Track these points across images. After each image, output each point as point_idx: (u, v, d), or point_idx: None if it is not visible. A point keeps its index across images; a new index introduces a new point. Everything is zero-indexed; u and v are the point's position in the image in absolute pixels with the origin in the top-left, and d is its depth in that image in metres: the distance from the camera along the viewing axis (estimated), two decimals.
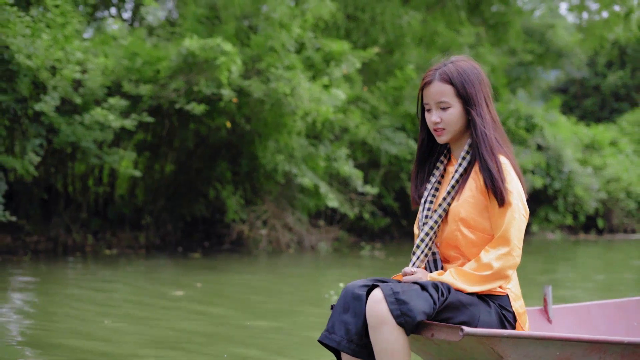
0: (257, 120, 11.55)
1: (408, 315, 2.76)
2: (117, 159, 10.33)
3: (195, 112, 10.33)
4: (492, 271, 2.94)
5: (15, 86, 9.60)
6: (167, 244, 12.63)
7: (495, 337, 2.75)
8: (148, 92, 10.44)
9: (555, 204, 18.95)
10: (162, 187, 12.57)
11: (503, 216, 2.97)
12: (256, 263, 11.05)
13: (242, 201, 12.23)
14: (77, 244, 11.74)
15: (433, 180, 3.19)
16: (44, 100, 9.45)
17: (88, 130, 10.09)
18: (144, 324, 5.73)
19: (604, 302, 3.94)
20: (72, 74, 9.73)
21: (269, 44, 11.06)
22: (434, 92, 3.07)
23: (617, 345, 2.93)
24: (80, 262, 10.49)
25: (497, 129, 3.09)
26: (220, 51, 10.10)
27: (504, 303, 3.01)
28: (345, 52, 11.87)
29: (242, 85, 10.68)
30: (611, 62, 32.77)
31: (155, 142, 12.03)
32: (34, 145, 9.85)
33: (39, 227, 11.72)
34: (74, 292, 7.64)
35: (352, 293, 2.91)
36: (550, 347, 2.84)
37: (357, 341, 2.85)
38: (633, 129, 25.43)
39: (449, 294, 2.90)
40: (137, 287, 8.11)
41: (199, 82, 10.37)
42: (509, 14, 18.48)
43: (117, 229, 12.60)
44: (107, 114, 9.80)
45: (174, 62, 10.42)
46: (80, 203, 11.91)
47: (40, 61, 9.40)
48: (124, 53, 10.73)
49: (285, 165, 11.98)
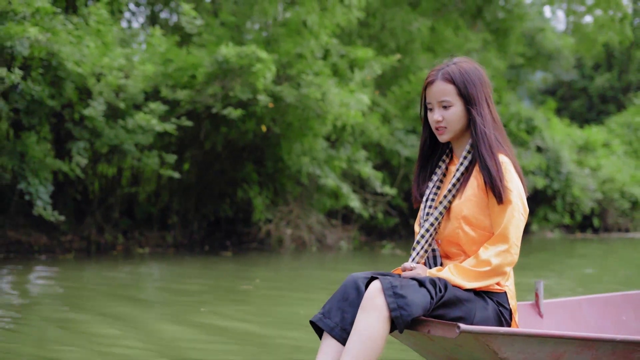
0: (284, 124, 12.01)
1: (405, 309, 2.80)
2: (157, 161, 10.74)
3: (232, 117, 10.77)
4: (491, 267, 2.99)
5: (63, 92, 10.01)
6: (192, 243, 13.06)
7: (491, 334, 2.77)
8: (185, 97, 10.87)
9: (553, 203, 19.61)
10: (189, 187, 13.00)
11: (503, 214, 3.03)
12: (293, 259, 11.52)
13: (267, 201, 12.69)
14: (108, 243, 12.15)
15: (435, 179, 3.25)
16: (92, 106, 9.87)
17: (129, 134, 10.52)
18: (268, 309, 6.26)
19: (593, 296, 4.02)
20: (116, 80, 10.15)
21: (298, 51, 11.52)
22: (436, 91, 3.14)
23: (609, 343, 2.97)
24: (125, 260, 10.88)
25: (498, 128, 3.15)
26: (255, 58, 10.55)
27: (502, 300, 3.08)
28: (369, 58, 12.38)
29: (274, 90, 11.14)
30: (598, 65, 33.53)
31: (184, 144, 12.44)
32: (79, 147, 10.25)
33: (72, 227, 12.10)
34: (175, 287, 8.04)
35: (353, 284, 2.96)
36: (545, 344, 2.87)
37: (349, 330, 2.89)
38: (622, 130, 26.16)
39: (446, 291, 2.94)
40: (208, 283, 8.50)
41: (235, 88, 10.82)
42: (510, 19, 19.06)
43: (144, 229, 13.02)
44: (150, 119, 10.23)
45: (209, 69, 10.85)
46: (111, 203, 12.31)
47: (89, 68, 9.81)
48: (160, 59, 11.15)
49: (309, 167, 12.47)
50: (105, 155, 11.73)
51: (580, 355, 2.95)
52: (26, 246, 11.44)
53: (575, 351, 2.93)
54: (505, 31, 19.09)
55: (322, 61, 11.78)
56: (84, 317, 5.86)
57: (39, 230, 11.86)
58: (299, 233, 12.87)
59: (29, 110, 10.06)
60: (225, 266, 10.39)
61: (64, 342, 4.88)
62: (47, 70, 9.87)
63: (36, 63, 9.78)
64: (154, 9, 14.28)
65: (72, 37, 9.94)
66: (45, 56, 9.65)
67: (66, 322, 5.60)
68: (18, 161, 9.94)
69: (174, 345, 4.84)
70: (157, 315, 6.14)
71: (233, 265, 10.45)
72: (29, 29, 8.85)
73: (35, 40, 9.13)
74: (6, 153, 10.01)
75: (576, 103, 33.80)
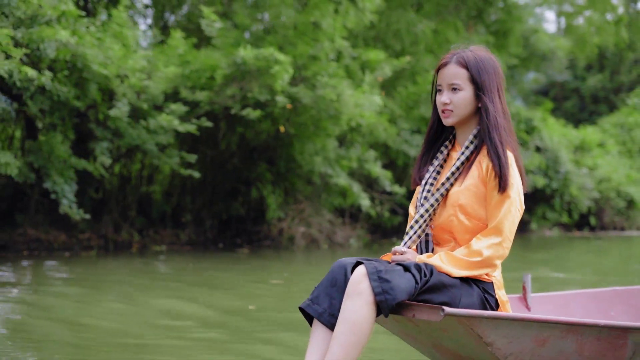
0: (298, 124, 12.28)
1: (389, 293, 2.78)
2: (177, 161, 11.00)
3: (250, 117, 11.04)
4: (482, 258, 2.98)
5: (88, 93, 10.25)
6: (206, 241, 13.32)
7: (475, 317, 2.78)
8: (205, 98, 11.13)
9: (552, 202, 19.98)
10: (202, 186, 13.25)
11: (500, 207, 3.02)
12: (309, 256, 11.81)
13: (280, 200, 12.97)
14: (124, 241, 12.39)
15: (436, 164, 3.24)
16: (117, 107, 10.12)
17: (150, 134, 10.77)
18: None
19: (581, 291, 4.05)
20: (139, 82, 10.40)
21: (313, 53, 11.81)
22: (448, 74, 3.13)
23: (593, 328, 2.97)
24: (149, 256, 11.14)
25: (507, 121, 3.14)
26: (274, 60, 10.82)
27: (489, 288, 3.07)
28: (380, 60, 12.68)
29: (291, 92, 11.42)
30: (590, 66, 33.98)
31: (198, 143, 12.68)
32: (102, 148, 10.49)
33: (90, 225, 12.33)
34: (212, 282, 8.33)
35: (340, 269, 2.96)
36: (529, 328, 2.87)
37: (337, 315, 2.89)
38: (615, 130, 26.59)
39: (431, 276, 2.93)
40: (237, 277, 8.79)
41: (253, 89, 11.09)
42: (510, 21, 19.42)
43: (158, 227, 13.27)
44: (172, 119, 10.48)
45: (228, 70, 11.11)
46: (129, 202, 12.55)
47: (114, 69, 10.06)
48: (178, 61, 11.40)
49: (321, 167, 12.76)
50: (123, 155, 11.97)
51: (565, 340, 2.94)
52: (46, 244, 11.66)
53: (560, 336, 2.91)
54: (504, 33, 19.44)
55: (335, 63, 12.07)
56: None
57: (56, 228, 12.08)
58: (311, 231, 13.15)
59: (54, 110, 10.31)
60: (246, 261, 10.66)
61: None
62: (72, 72, 10.11)
63: (61, 65, 10.02)
64: (162, 11, 14.52)
65: (95, 39, 10.19)
66: (70, 58, 9.89)
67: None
68: (43, 161, 10.18)
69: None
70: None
71: (258, 262, 10.75)
72: (61, 32, 9.08)
73: (64, 43, 9.37)
74: (32, 153, 10.25)
75: (568, 103, 34.23)
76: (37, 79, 9.05)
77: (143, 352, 4.53)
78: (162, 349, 4.59)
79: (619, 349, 3.04)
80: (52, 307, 6.18)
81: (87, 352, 4.49)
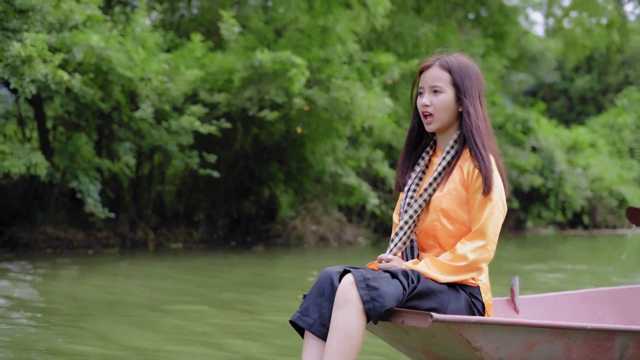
0: (310, 125, 12.64)
1: (377, 300, 2.79)
2: (197, 161, 11.32)
3: (268, 119, 11.39)
4: (467, 262, 2.98)
5: (112, 95, 10.55)
6: (217, 239, 13.65)
7: (463, 323, 2.77)
8: (223, 100, 11.46)
9: (547, 202, 20.46)
10: (215, 186, 13.58)
11: (482, 210, 3.02)
12: (323, 253, 12.16)
13: (292, 199, 13.32)
14: (140, 240, 12.69)
15: (418, 170, 3.23)
16: (142, 109, 10.43)
17: (171, 135, 11.09)
18: None
19: (570, 292, 4.03)
20: (162, 84, 10.72)
21: (326, 56, 12.17)
22: (430, 76, 3.12)
23: (580, 331, 2.97)
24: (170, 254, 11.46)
25: (487, 126, 3.14)
26: (290, 63, 11.16)
27: (475, 292, 3.07)
28: (390, 63, 13.07)
29: (306, 94, 11.77)
30: (578, 67, 34.53)
31: (213, 144, 13.00)
32: (125, 148, 10.81)
33: (107, 223, 12.62)
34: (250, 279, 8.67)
35: (327, 279, 2.95)
36: (517, 333, 2.87)
37: (329, 326, 2.88)
38: (605, 131, 27.13)
39: (418, 282, 2.93)
40: (274, 275, 9.14)
41: (270, 91, 11.43)
42: (506, 24, 19.85)
43: (171, 225, 13.58)
44: (193, 121, 10.81)
45: (245, 73, 11.44)
46: (145, 201, 12.85)
47: (139, 72, 10.37)
48: (196, 64, 11.72)
49: (332, 167, 13.13)
50: (139, 155, 12.28)
51: (553, 344, 2.94)
52: (65, 242, 11.94)
53: (548, 340, 2.92)
54: (501, 35, 19.87)
55: (347, 66, 12.43)
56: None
57: (74, 226, 12.37)
58: (321, 229, 13.51)
59: (79, 112, 10.60)
60: (267, 259, 11.01)
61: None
62: (97, 75, 10.41)
63: (87, 68, 10.32)
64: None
65: (117, 43, 10.49)
66: (95, 61, 10.19)
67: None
68: (69, 161, 10.48)
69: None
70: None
71: (280, 259, 11.10)
72: (92, 37, 9.38)
73: (92, 46, 9.67)
74: (57, 153, 10.54)
75: (557, 104, 34.76)
76: (68, 82, 9.35)
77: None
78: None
79: (606, 352, 3.05)
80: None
81: None
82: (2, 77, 8.61)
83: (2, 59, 8.72)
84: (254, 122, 12.40)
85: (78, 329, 5.16)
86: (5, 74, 8.58)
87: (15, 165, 9.35)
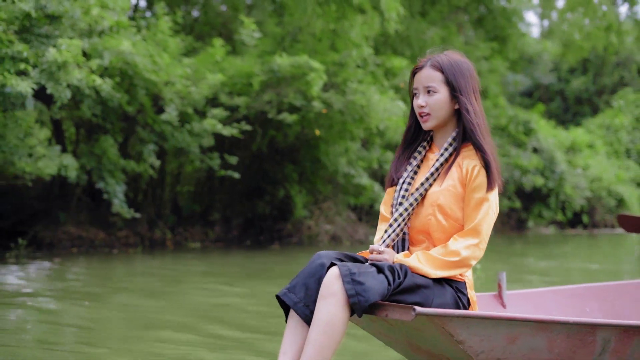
0: (325, 127, 12.98)
1: (362, 295, 2.81)
2: (218, 162, 11.65)
3: (287, 122, 11.73)
4: (460, 258, 3.01)
5: (137, 98, 10.87)
6: (232, 239, 13.98)
7: (446, 316, 2.81)
8: (243, 103, 11.80)
9: (548, 201, 20.90)
10: (230, 186, 13.91)
11: (478, 209, 3.06)
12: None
13: (306, 199, 13.66)
14: (158, 239, 13.00)
15: (414, 163, 3.25)
16: (167, 112, 10.76)
17: (193, 137, 11.41)
18: None
19: (557, 288, 4.07)
20: (185, 88, 11.05)
21: (340, 60, 12.52)
22: (423, 77, 3.16)
23: (562, 325, 3.00)
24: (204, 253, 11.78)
25: (484, 122, 3.17)
26: (309, 67, 11.51)
27: (461, 288, 3.11)
28: (403, 67, 13.43)
29: (323, 97, 12.12)
30: (574, 69, 34.97)
31: (231, 146, 13.33)
32: (149, 150, 11.12)
33: (126, 223, 12.92)
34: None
35: (319, 261, 2.98)
36: (499, 326, 2.89)
37: (312, 308, 2.91)
38: (601, 132, 27.59)
39: (405, 278, 2.96)
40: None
41: (289, 95, 11.77)
42: (508, 27, 20.27)
43: (187, 225, 13.89)
44: (215, 123, 11.14)
45: (264, 77, 11.78)
46: (163, 201, 13.17)
47: (165, 76, 10.70)
48: (215, 68, 12.05)
49: (345, 168, 13.49)
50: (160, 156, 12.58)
51: (535, 338, 2.97)
52: (87, 241, 12.24)
53: (530, 333, 2.95)
54: (503, 38, 20.29)
55: (361, 70, 12.79)
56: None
57: (94, 226, 12.66)
58: (335, 228, 13.87)
59: (105, 115, 10.91)
60: (289, 257, 11.35)
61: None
62: (123, 79, 10.72)
63: (113, 72, 10.62)
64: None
65: (144, 48, 10.82)
66: (121, 66, 10.50)
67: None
68: (96, 162, 10.79)
69: None
70: None
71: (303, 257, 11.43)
72: (123, 42, 9.70)
73: (121, 51, 9.99)
74: (84, 155, 10.85)
75: (553, 105, 35.19)
76: (99, 87, 9.66)
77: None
78: None
79: (588, 346, 3.09)
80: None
81: None
82: (39, 82, 8.89)
83: (38, 64, 9.03)
84: (271, 124, 12.74)
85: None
86: (42, 79, 8.88)
87: (49, 167, 9.65)
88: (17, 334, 4.92)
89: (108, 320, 5.66)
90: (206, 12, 14.90)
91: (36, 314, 5.78)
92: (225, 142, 13.41)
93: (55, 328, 5.21)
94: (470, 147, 3.14)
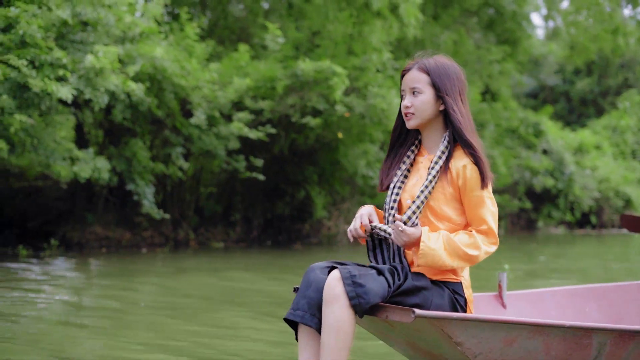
0: (345, 130, 13.28)
1: (363, 297, 2.87)
2: (244, 165, 11.95)
3: (311, 125, 12.03)
4: (478, 254, 3.05)
5: (166, 102, 11.17)
6: (252, 239, 14.28)
7: (445, 319, 2.86)
8: (267, 107, 12.10)
9: (557, 202, 21.23)
10: (251, 187, 14.21)
11: (482, 207, 3.09)
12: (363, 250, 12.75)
13: (326, 200, 13.97)
14: (182, 239, 13.30)
15: (403, 168, 3.26)
16: (196, 115, 11.06)
17: (219, 140, 11.71)
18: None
19: (557, 288, 4.10)
20: (213, 92, 11.35)
21: (360, 65, 12.82)
22: (409, 79, 3.19)
23: (559, 329, 3.04)
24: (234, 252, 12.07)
25: (470, 122, 3.19)
26: (332, 72, 11.80)
27: (457, 289, 3.16)
28: None
29: (345, 101, 12.41)
30: (579, 70, 35.25)
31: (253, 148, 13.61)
32: (177, 152, 11.42)
33: (151, 223, 13.20)
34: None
35: (314, 273, 3.04)
36: (497, 329, 2.94)
37: (319, 315, 2.97)
38: (607, 133, 27.90)
39: (404, 280, 3.03)
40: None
41: (312, 99, 12.07)
42: (518, 31, 20.57)
43: (209, 225, 14.19)
44: (242, 127, 11.44)
45: (288, 81, 12.08)
46: (188, 201, 13.47)
47: (194, 81, 11.00)
48: (239, 72, 12.35)
49: (363, 169, 13.79)
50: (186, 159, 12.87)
51: (532, 340, 3.02)
52: (114, 242, 12.53)
53: (527, 336, 3.00)
54: (514, 42, 20.58)
55: (381, 74, 13.09)
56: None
57: (119, 226, 12.95)
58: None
59: (135, 118, 11.21)
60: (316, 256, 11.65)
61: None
62: (152, 84, 11.02)
63: (142, 77, 10.92)
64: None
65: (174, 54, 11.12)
66: (150, 71, 10.79)
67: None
68: (126, 165, 11.08)
69: None
70: None
71: (330, 257, 11.71)
72: (156, 49, 10.01)
73: (153, 57, 10.29)
74: (114, 157, 11.15)
75: (558, 106, 35.48)
76: (132, 92, 9.96)
77: None
78: None
79: (584, 349, 3.13)
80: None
81: None
82: (78, 88, 9.20)
83: (76, 70, 9.33)
84: (293, 127, 13.03)
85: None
86: (81, 85, 9.18)
87: (84, 170, 9.95)
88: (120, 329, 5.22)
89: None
90: (225, 17, 15.19)
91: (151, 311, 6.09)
92: (253, 145, 13.72)
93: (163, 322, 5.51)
94: (456, 148, 3.18)
